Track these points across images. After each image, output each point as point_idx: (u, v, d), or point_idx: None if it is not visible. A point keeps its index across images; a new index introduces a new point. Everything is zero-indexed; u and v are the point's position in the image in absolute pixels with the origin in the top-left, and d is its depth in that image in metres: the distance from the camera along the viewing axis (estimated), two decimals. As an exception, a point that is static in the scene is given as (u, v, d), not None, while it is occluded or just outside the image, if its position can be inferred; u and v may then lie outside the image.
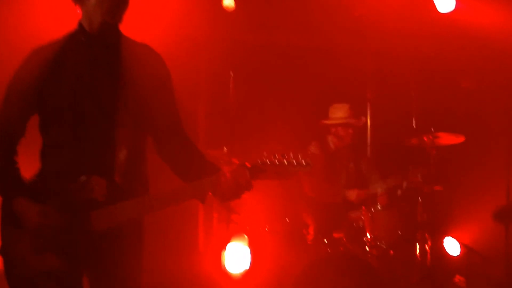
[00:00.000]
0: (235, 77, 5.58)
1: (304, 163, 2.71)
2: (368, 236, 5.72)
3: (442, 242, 6.66)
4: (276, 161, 2.72)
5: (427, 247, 5.86)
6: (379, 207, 5.82)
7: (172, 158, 3.06)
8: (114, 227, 2.78)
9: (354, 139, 6.73)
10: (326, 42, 7.31)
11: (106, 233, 2.78)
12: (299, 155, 2.72)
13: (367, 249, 5.72)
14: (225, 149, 5.84)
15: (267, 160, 2.73)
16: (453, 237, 5.94)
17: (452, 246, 6.71)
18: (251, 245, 5.88)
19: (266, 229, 5.80)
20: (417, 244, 5.91)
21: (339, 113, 6.62)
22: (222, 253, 5.81)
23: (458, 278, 6.43)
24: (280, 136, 6.78)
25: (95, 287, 2.91)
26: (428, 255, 5.78)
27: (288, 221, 5.85)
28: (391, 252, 5.76)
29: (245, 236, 5.96)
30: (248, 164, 2.78)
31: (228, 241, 5.91)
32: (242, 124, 6.57)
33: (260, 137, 6.69)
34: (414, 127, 7.24)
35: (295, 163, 2.71)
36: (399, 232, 5.72)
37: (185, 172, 2.99)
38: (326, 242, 5.60)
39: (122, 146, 2.85)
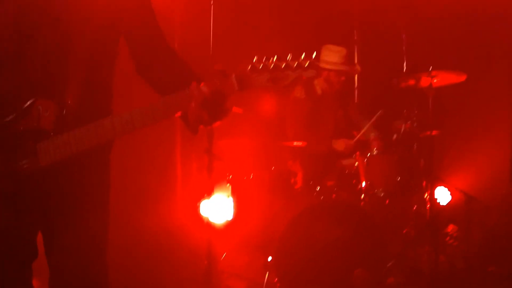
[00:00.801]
0: (215, 5, 4.97)
1: (306, 65, 2.14)
2: (363, 184, 5.25)
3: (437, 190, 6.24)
4: (270, 65, 2.15)
5: (425, 196, 5.40)
6: (375, 152, 5.33)
7: (152, 69, 2.47)
8: (70, 163, 2.22)
9: (344, 86, 6.20)
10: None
11: (60, 172, 2.22)
12: (301, 56, 2.15)
13: (362, 197, 5.25)
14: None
15: (259, 65, 2.16)
16: (452, 184, 5.50)
17: (444, 194, 6.30)
18: (234, 194, 5.37)
19: (251, 177, 5.28)
20: (414, 193, 5.46)
21: (334, 57, 5.98)
22: (202, 203, 5.27)
23: (451, 227, 6.06)
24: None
25: (52, 244, 2.33)
26: (427, 204, 5.32)
27: (273, 169, 5.34)
28: (387, 201, 5.30)
29: (228, 185, 5.45)
30: (234, 72, 2.21)
31: (210, 191, 5.39)
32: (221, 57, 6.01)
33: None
34: (404, 69, 6.72)
35: (295, 66, 2.14)
36: (398, 179, 5.24)
37: (167, 86, 2.38)
38: (318, 189, 5.09)
39: (78, 59, 2.27)
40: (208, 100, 2.17)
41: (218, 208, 5.49)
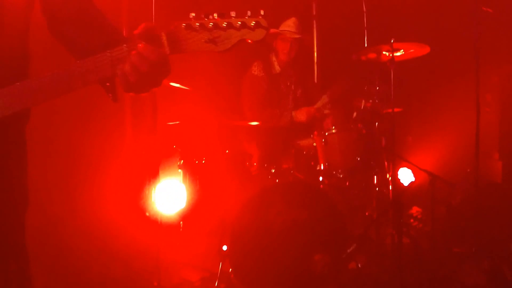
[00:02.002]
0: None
1: (253, 24, 1.84)
2: (322, 165, 4.96)
3: (400, 171, 6.00)
4: (210, 23, 1.84)
5: (387, 176, 5.14)
6: (333, 130, 5.03)
7: (65, 26, 2.11)
8: None
9: (299, 58, 5.90)
10: None
11: None
12: (247, 13, 1.85)
13: (320, 179, 4.96)
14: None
15: (196, 23, 1.84)
16: (416, 163, 5.25)
17: (407, 175, 6.07)
18: (186, 180, 5.04)
19: (203, 162, 4.95)
20: (375, 173, 5.18)
21: (282, 26, 5.83)
22: (151, 191, 4.94)
23: (415, 209, 5.85)
24: (217, 56, 5.89)
25: None
26: (389, 185, 5.06)
27: (227, 152, 5.02)
28: (347, 182, 5.02)
29: (179, 171, 5.11)
30: (165, 30, 1.87)
31: (156, 178, 5.07)
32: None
33: (196, 58, 5.80)
34: (366, 44, 6.42)
35: (240, 25, 1.84)
36: (358, 158, 4.95)
37: (85, 48, 2.03)
38: (273, 172, 4.78)
39: None
40: (134, 64, 1.85)
41: (169, 195, 5.18)
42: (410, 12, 6.33)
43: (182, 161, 5.10)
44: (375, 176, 5.21)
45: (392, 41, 4.99)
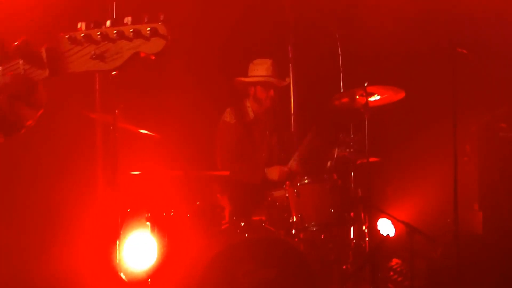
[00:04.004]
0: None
1: (148, 32, 1.50)
2: (294, 217, 4.75)
3: (379, 222, 5.81)
4: (98, 32, 1.52)
5: (363, 228, 4.94)
6: (305, 181, 4.83)
7: None
8: None
9: (275, 103, 5.72)
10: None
11: None
12: (144, 18, 1.53)
13: (293, 232, 4.75)
14: (116, 112, 4.73)
15: (81, 34, 1.53)
16: (393, 215, 5.06)
17: (387, 226, 5.88)
18: (154, 233, 4.79)
19: (172, 214, 4.73)
20: (351, 225, 4.99)
21: (260, 70, 5.59)
22: (117, 248, 4.71)
23: (395, 261, 5.64)
24: (188, 101, 5.75)
25: None
26: (366, 238, 4.86)
27: (198, 203, 4.80)
28: (322, 236, 4.81)
29: (148, 224, 4.87)
30: (45, 45, 1.58)
31: (125, 232, 4.84)
32: (143, 84, 5.49)
33: (165, 101, 5.63)
34: (342, 88, 6.29)
35: (133, 33, 1.50)
36: (331, 210, 4.74)
37: None
38: (242, 225, 4.55)
39: None
40: (10, 91, 1.58)
41: (138, 250, 4.94)
42: (385, 56, 6.23)
43: (149, 213, 4.86)
44: (352, 228, 5.01)
45: (366, 84, 4.87)
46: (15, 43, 1.57)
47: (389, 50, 6.24)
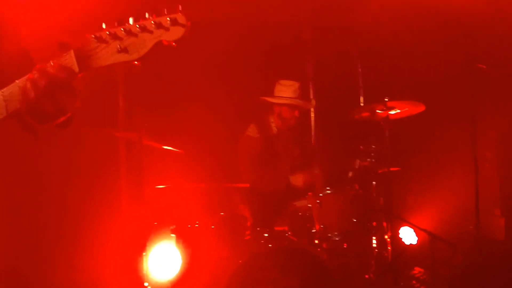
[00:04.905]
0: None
1: (169, 23, 1.64)
2: (317, 227, 4.83)
3: (401, 231, 5.86)
4: (121, 29, 1.66)
5: (386, 237, 5.00)
6: (328, 191, 4.91)
7: None
8: None
9: (298, 122, 5.85)
10: (258, 14, 6.32)
11: None
12: (164, 11, 1.67)
13: (316, 242, 4.82)
14: (142, 130, 4.87)
15: (106, 32, 1.67)
16: (414, 223, 5.12)
17: (409, 235, 5.92)
18: (179, 245, 4.90)
19: (196, 225, 4.83)
20: (373, 234, 5.04)
21: (287, 91, 5.72)
22: (143, 259, 4.82)
23: (417, 270, 5.67)
24: (212, 117, 5.87)
25: None
26: (388, 246, 4.92)
27: (222, 215, 4.90)
28: (345, 245, 4.87)
29: (172, 235, 4.99)
30: (74, 47, 1.72)
31: (151, 244, 4.97)
32: (166, 102, 5.62)
33: (188, 118, 5.76)
34: (361, 103, 6.37)
35: (154, 25, 1.64)
36: (354, 220, 4.81)
37: None
38: (266, 236, 4.64)
39: None
40: (33, 78, 1.70)
41: (163, 261, 5.05)
42: (404, 71, 6.29)
43: (174, 225, 4.98)
44: (374, 237, 5.07)
45: (386, 99, 4.97)
46: (59, 42, 1.72)
47: (408, 65, 6.29)
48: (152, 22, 1.64)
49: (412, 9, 5.98)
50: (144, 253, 4.86)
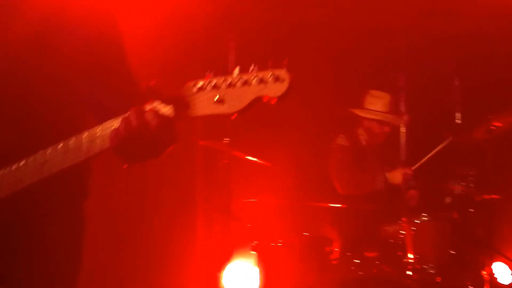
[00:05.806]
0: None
1: (270, 78, 1.54)
2: (411, 256, 4.46)
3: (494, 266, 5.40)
4: (222, 81, 1.57)
5: (484, 273, 4.59)
6: (424, 218, 4.55)
7: None
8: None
9: (388, 138, 5.48)
10: (345, 18, 5.98)
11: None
12: (269, 66, 1.55)
13: (408, 272, 4.46)
14: (226, 140, 4.66)
15: (205, 83, 1.59)
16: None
17: (503, 272, 5.43)
18: (260, 263, 4.64)
19: (280, 244, 4.55)
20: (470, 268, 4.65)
21: (377, 104, 5.33)
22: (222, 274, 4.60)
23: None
24: (296, 127, 5.59)
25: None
26: (484, 285, 4.51)
27: (307, 234, 4.63)
28: (439, 279, 4.49)
29: (253, 253, 4.72)
30: (174, 92, 1.63)
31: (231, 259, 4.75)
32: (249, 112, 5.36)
33: (272, 128, 5.49)
34: (457, 121, 5.94)
35: (255, 80, 1.55)
36: (452, 252, 4.44)
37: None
38: (357, 262, 4.33)
39: None
40: (132, 131, 1.66)
41: (240, 279, 4.83)
42: (509, 84, 5.80)
43: (256, 242, 4.72)
44: (469, 272, 4.67)
45: (489, 119, 4.57)
46: (149, 84, 1.65)
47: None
48: (254, 77, 1.55)
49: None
50: (223, 268, 4.67)
